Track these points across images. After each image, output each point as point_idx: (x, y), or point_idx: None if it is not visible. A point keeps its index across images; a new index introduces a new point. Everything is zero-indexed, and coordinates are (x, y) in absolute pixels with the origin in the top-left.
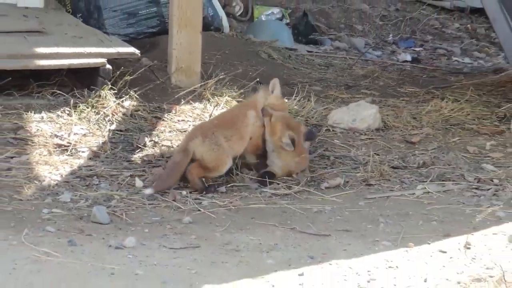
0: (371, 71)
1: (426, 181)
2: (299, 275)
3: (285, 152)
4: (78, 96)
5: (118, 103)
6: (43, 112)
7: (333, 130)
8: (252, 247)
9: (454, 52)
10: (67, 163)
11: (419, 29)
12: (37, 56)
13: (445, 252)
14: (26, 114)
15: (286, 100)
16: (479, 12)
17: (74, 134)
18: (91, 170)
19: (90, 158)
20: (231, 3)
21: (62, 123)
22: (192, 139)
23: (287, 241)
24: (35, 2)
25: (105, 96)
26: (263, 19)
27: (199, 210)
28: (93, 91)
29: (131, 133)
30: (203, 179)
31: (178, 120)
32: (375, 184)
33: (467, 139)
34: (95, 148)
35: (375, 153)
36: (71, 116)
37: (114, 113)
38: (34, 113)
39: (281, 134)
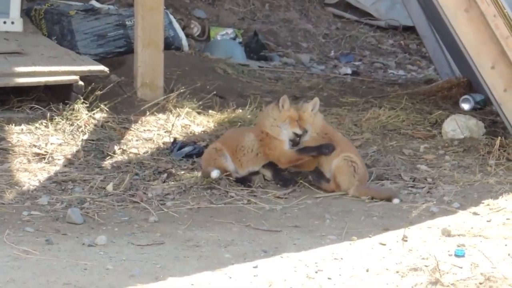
0: (316, 84)
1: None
2: (254, 267)
3: None
4: (54, 109)
5: (90, 116)
6: (23, 124)
7: None
8: (211, 242)
9: (390, 66)
10: (44, 170)
11: (358, 45)
12: (17, 75)
13: (384, 244)
14: (7, 126)
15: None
16: (411, 30)
17: (51, 143)
18: (66, 176)
19: (65, 165)
20: (190, 25)
21: (40, 134)
22: None
23: (242, 237)
24: (15, 27)
25: (78, 109)
26: (219, 38)
27: (163, 210)
28: (68, 105)
29: (102, 142)
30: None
31: (144, 130)
32: None
33: (403, 142)
34: (69, 156)
35: None
36: (48, 127)
37: (86, 125)
38: (15, 126)
39: None
